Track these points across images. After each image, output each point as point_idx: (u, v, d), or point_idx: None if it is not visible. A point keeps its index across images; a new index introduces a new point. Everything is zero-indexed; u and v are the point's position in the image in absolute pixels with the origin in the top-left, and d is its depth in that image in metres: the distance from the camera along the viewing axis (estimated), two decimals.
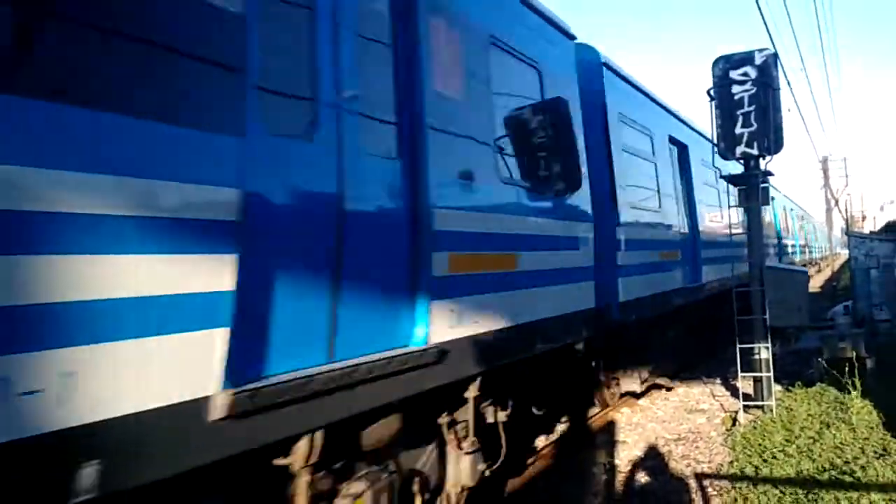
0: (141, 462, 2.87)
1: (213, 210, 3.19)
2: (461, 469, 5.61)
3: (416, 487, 5.12)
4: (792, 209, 36.52)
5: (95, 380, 2.69)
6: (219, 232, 3.21)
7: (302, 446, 3.82)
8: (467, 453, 5.61)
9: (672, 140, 12.54)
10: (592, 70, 9.41)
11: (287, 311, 3.72)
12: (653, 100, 11.93)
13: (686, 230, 12.67)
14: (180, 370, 3.02)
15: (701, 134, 14.03)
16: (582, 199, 7.64)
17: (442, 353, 4.80)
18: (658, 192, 11.20)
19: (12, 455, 2.45)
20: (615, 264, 8.95)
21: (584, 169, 7.71)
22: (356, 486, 4.31)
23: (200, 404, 3.09)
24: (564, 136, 7.31)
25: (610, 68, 9.90)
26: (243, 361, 3.38)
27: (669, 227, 11.62)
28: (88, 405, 2.66)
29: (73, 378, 2.61)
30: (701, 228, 13.27)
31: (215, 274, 3.18)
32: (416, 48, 4.92)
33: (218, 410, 3.13)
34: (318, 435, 3.87)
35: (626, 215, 9.44)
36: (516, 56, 6.54)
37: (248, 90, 3.50)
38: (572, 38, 8.13)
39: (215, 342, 3.17)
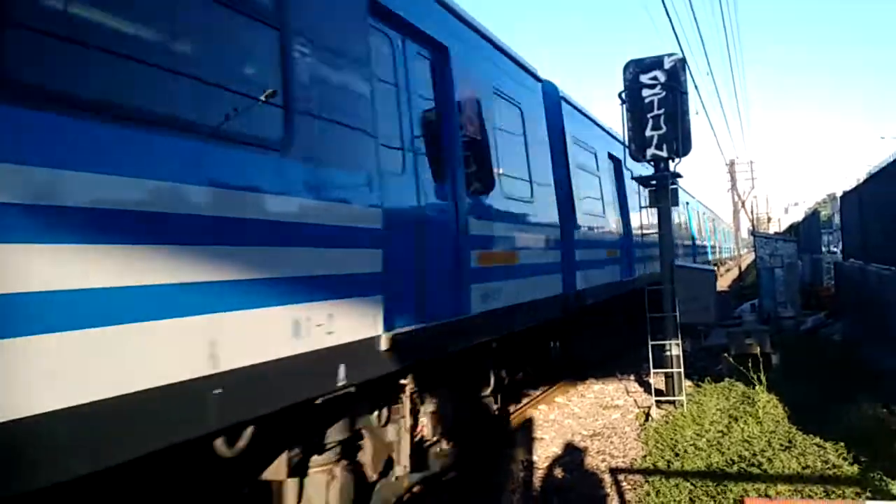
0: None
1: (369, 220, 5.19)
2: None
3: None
4: (703, 211, 37.65)
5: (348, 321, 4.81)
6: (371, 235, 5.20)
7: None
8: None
9: (610, 156, 14.65)
10: (554, 103, 11.35)
11: (404, 286, 5.82)
12: (595, 122, 14.16)
13: (621, 232, 14.85)
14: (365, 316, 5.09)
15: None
16: (553, 209, 10.01)
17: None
18: (602, 200, 13.49)
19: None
20: (575, 260, 10.86)
21: (552, 186, 10.09)
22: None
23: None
24: (543, 160, 9.84)
25: (567, 101, 11.93)
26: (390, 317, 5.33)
27: (610, 229, 13.92)
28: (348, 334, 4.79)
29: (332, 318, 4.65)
30: (632, 230, 15.27)
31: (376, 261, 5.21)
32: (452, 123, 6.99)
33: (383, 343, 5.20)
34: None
35: (581, 221, 11.48)
36: (508, 100, 8.75)
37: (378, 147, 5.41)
38: (539, 79, 10.45)
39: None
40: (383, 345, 5.20)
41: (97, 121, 3.19)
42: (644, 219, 15.75)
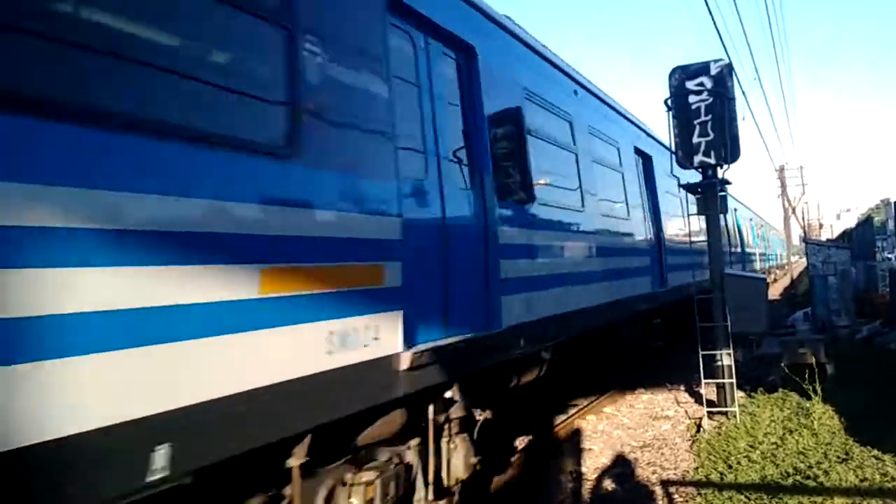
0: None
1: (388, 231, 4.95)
2: None
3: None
4: (751, 217, 37.07)
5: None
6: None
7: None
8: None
9: (637, 150, 13.40)
10: None
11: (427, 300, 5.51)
12: (622, 115, 12.91)
13: (652, 238, 13.48)
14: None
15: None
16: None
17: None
18: (626, 202, 12.15)
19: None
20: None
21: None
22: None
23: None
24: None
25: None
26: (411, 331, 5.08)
27: (636, 235, 12.45)
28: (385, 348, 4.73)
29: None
30: (667, 236, 14.23)
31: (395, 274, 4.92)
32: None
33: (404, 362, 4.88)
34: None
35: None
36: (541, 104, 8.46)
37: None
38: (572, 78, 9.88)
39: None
40: (403, 364, 4.88)
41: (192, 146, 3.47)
42: (683, 224, 15.42)
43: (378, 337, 4.67)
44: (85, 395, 2.85)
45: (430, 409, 5.69)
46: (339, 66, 4.67)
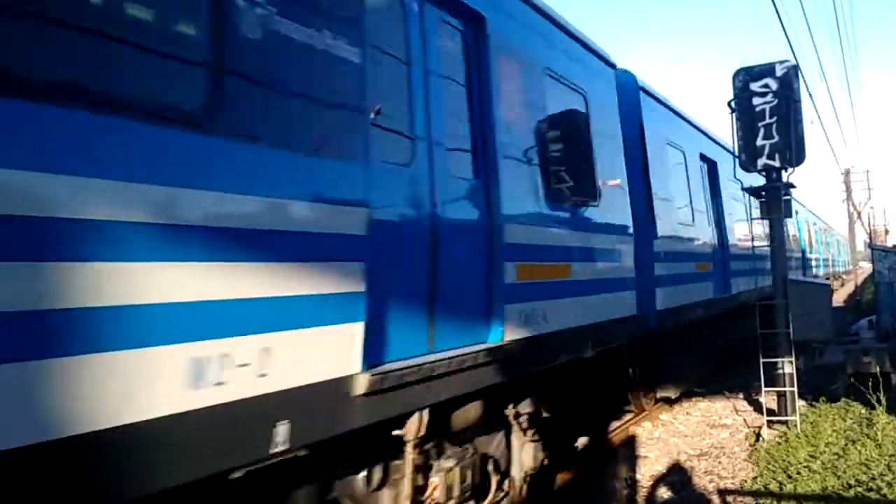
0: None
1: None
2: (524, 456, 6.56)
3: (490, 468, 5.95)
4: (815, 222, 36.27)
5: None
6: None
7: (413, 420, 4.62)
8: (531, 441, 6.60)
9: (702, 157, 13.32)
10: (631, 93, 10.00)
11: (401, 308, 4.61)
12: (685, 119, 12.69)
13: (716, 243, 13.27)
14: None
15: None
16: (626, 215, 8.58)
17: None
18: (691, 206, 11.96)
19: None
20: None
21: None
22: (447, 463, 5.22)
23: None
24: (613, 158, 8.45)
25: (646, 92, 10.59)
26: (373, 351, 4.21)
27: (701, 240, 12.28)
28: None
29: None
30: (731, 241, 13.95)
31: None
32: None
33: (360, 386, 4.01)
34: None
35: (662, 229, 10.04)
36: (566, 85, 7.32)
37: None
38: (611, 65, 8.93)
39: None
40: (359, 388, 3.97)
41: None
42: (746, 228, 15.11)
43: (325, 354, 3.82)
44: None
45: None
46: (283, 20, 3.74)
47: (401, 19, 4.92)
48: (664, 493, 7.78)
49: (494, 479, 5.95)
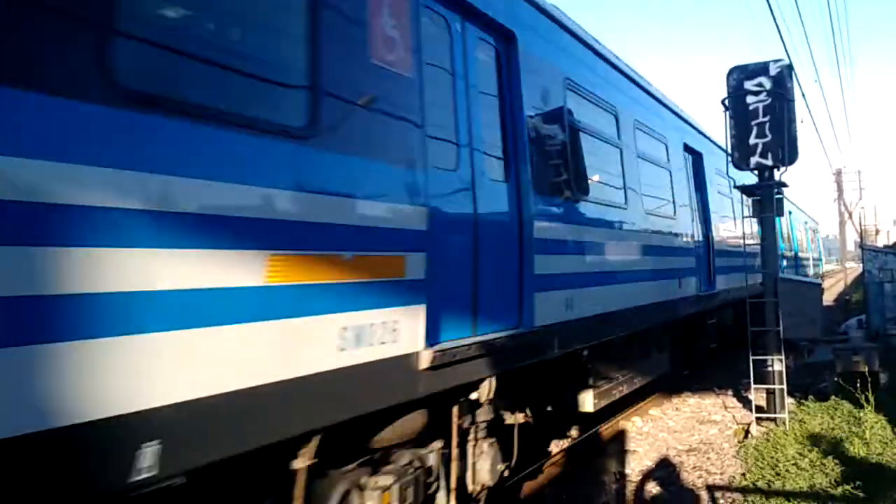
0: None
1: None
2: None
3: None
4: (806, 221, 36.38)
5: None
6: None
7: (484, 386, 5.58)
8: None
9: (687, 148, 12.89)
10: None
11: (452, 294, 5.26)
12: (671, 110, 12.40)
13: (699, 239, 12.87)
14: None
15: None
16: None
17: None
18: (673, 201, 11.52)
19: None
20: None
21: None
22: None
23: None
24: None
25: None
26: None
27: (682, 235, 11.82)
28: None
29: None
30: (716, 237, 13.70)
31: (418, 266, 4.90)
32: None
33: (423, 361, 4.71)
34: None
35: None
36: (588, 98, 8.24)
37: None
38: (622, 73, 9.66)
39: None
40: (423, 363, 4.64)
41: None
42: (735, 225, 15.00)
43: (397, 332, 4.44)
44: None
45: (455, 410, 5.53)
46: (365, 48, 4.44)
47: (446, 38, 5.54)
48: (653, 488, 7.82)
49: None
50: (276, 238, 3.59)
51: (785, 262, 30.14)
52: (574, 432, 9.77)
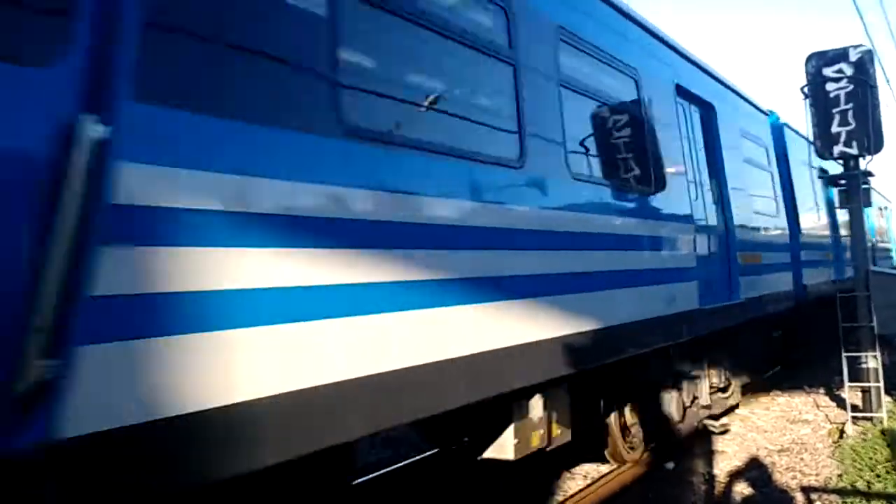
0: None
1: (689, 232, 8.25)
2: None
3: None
4: (885, 206, 34.92)
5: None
6: None
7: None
8: None
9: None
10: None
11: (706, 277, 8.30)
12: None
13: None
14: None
15: None
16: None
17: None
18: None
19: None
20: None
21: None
22: None
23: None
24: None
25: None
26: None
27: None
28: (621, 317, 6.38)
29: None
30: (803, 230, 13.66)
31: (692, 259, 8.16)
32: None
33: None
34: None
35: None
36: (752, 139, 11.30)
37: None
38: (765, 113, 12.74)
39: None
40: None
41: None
42: (818, 217, 14.74)
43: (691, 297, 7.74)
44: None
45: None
46: (658, 134, 7.50)
47: (685, 116, 8.70)
48: (744, 489, 7.58)
49: None
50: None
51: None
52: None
